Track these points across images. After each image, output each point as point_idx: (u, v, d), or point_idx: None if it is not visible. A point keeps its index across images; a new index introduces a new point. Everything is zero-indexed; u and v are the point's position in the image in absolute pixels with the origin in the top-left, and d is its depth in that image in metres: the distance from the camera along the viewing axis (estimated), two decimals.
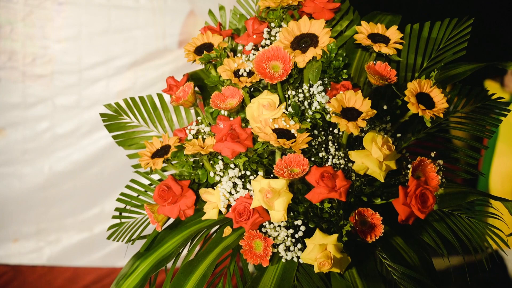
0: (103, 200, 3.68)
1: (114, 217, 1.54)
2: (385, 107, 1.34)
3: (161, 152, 1.44)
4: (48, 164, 3.69)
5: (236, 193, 1.35)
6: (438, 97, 1.29)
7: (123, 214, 1.55)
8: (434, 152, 1.35)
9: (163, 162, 1.42)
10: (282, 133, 1.29)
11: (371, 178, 1.30)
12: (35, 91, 3.62)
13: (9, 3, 3.55)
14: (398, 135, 1.37)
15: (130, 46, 3.68)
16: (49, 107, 3.64)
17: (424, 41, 1.47)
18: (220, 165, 1.37)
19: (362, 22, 1.41)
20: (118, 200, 1.55)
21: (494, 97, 1.47)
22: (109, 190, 3.64)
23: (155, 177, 1.57)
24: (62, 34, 3.61)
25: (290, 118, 1.31)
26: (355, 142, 1.36)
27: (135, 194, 1.56)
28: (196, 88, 1.58)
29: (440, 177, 1.31)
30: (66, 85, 3.62)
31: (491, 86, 3.87)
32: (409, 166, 1.29)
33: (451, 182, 1.37)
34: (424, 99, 1.28)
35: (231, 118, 1.38)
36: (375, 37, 1.39)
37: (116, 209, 1.55)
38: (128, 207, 1.55)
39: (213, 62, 1.47)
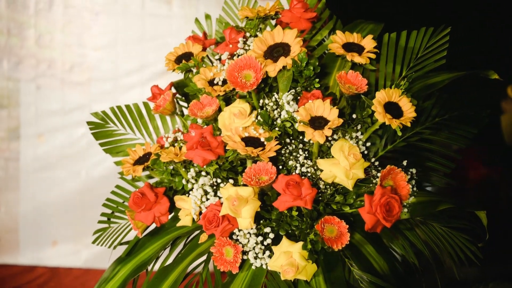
0: None
1: (100, 222, 1.59)
2: (354, 116, 1.33)
3: (142, 159, 1.47)
4: (85, 169, 3.78)
5: (207, 201, 1.36)
6: (406, 106, 1.28)
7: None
8: (406, 161, 1.35)
9: (145, 169, 1.46)
10: (252, 142, 1.30)
11: (343, 186, 1.31)
12: (73, 98, 3.73)
13: (49, 13, 3.67)
14: (368, 144, 1.36)
15: (164, 54, 3.73)
16: (86, 113, 3.73)
17: (402, 50, 1.46)
18: (192, 172, 1.39)
19: (338, 32, 1.40)
20: (104, 205, 1.60)
21: None
22: None
23: (141, 184, 1.60)
24: (99, 42, 3.72)
25: (260, 127, 1.32)
26: (328, 151, 1.36)
27: (121, 200, 1.60)
28: (183, 97, 1.61)
29: (411, 186, 1.31)
30: (102, 92, 3.72)
31: None
32: (378, 174, 1.28)
33: (424, 190, 1.36)
34: (393, 108, 1.28)
35: (205, 126, 1.40)
36: (350, 46, 1.38)
37: (102, 214, 1.60)
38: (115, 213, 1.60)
39: (194, 71, 1.49)
